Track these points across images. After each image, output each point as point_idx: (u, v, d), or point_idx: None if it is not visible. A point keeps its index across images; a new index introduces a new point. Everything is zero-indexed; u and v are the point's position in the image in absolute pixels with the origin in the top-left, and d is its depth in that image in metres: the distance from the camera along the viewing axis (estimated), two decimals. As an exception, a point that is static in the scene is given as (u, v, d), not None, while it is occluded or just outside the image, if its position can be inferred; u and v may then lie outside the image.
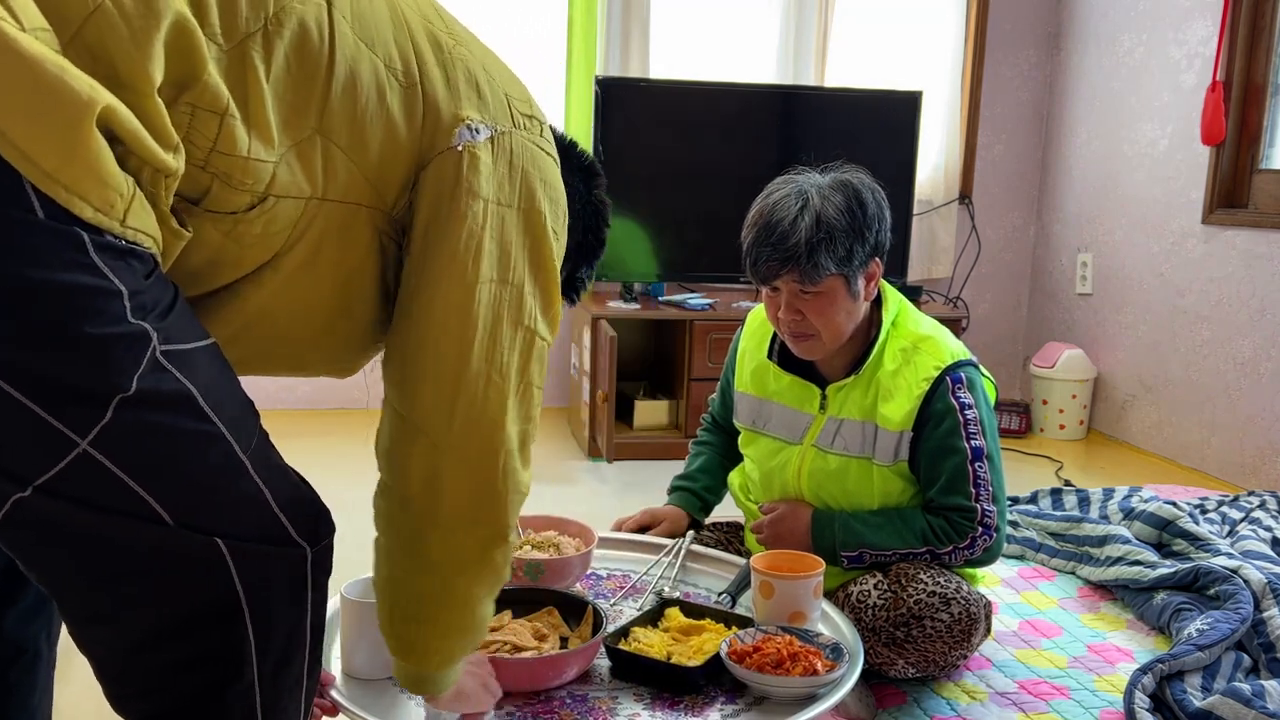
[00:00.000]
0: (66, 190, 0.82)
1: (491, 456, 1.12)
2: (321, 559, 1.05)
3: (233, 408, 0.97)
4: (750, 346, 1.97)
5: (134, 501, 0.90)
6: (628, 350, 3.87)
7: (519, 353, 1.14)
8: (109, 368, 0.86)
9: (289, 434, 3.72)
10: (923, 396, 1.76)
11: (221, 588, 0.95)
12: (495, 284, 1.10)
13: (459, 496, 1.11)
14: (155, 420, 0.89)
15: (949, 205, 4.27)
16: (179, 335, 0.92)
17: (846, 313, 1.76)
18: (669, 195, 3.77)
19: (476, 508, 1.12)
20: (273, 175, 0.98)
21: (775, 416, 1.89)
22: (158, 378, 0.89)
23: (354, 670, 1.44)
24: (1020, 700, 1.83)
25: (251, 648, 0.98)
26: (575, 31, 3.86)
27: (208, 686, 0.98)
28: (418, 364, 1.09)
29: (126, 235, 0.87)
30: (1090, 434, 4.07)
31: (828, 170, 1.80)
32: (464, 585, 1.16)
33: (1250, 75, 3.44)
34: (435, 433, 1.09)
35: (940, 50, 4.16)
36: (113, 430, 0.87)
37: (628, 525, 2.01)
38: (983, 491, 1.76)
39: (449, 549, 1.13)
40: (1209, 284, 3.53)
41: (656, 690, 1.45)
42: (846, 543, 1.79)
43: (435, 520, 1.12)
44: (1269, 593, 2.06)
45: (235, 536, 0.95)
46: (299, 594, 1.02)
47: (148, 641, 0.96)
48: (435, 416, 1.09)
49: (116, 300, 0.86)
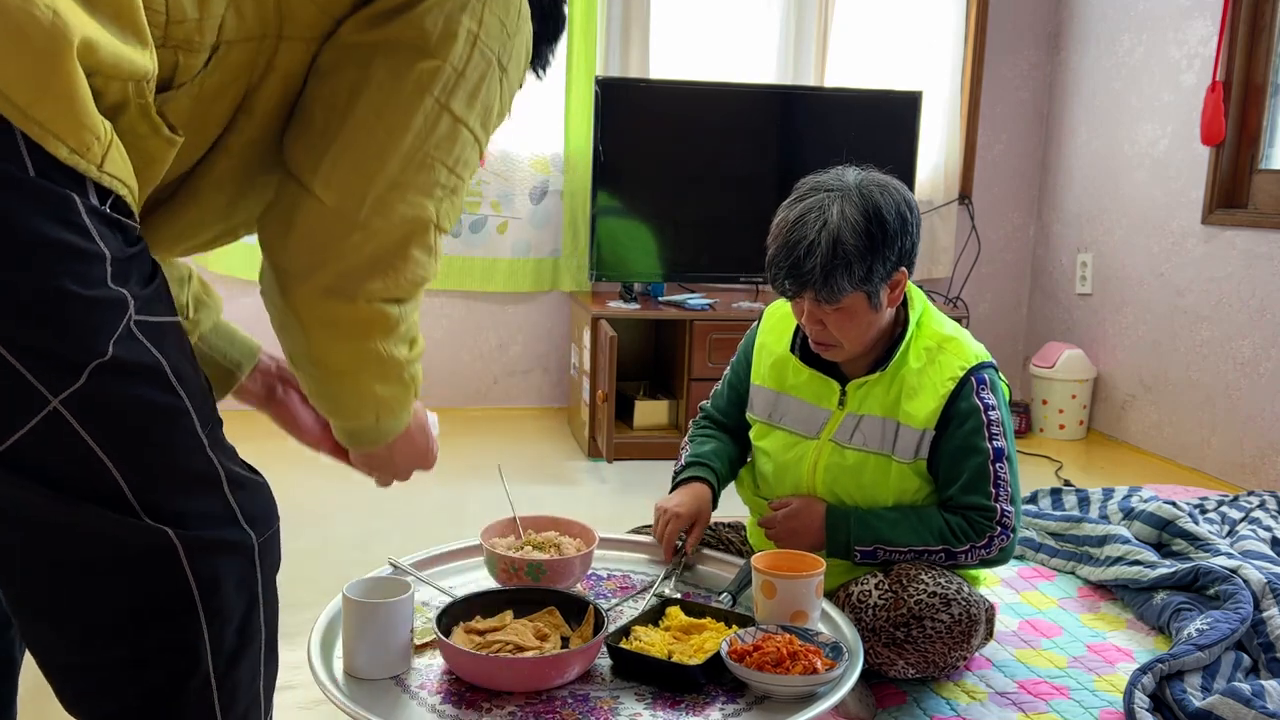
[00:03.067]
0: (40, 128, 0.83)
1: (357, 200, 1.03)
2: (267, 550, 1.04)
3: (195, 385, 0.98)
4: (770, 339, 1.96)
5: (96, 471, 0.89)
6: (628, 350, 3.87)
7: (439, 132, 1.06)
8: (87, 330, 0.87)
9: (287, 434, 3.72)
10: (948, 396, 1.76)
11: (173, 580, 0.95)
12: (433, 65, 1.04)
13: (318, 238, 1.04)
14: (125, 388, 0.90)
15: (949, 205, 4.27)
16: (153, 308, 0.93)
17: (868, 324, 1.76)
18: (669, 195, 3.77)
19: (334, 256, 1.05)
20: (221, 23, 0.97)
21: (792, 411, 1.89)
22: (131, 345, 0.90)
23: (354, 670, 1.44)
24: (1020, 700, 1.84)
25: (205, 642, 0.98)
26: (575, 31, 3.86)
27: (162, 682, 0.97)
28: (326, 131, 1.04)
29: (103, 181, 0.88)
30: (1090, 434, 4.07)
31: (860, 169, 1.77)
32: (329, 341, 1.09)
33: (1250, 75, 3.44)
34: (304, 174, 1.03)
35: (940, 50, 4.17)
36: (85, 393, 0.87)
37: (671, 533, 1.85)
38: (1002, 492, 1.77)
39: (311, 307, 1.06)
40: (1209, 284, 3.53)
41: (657, 689, 1.45)
42: (861, 538, 1.79)
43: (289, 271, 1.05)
44: (1269, 592, 2.06)
45: (187, 520, 0.95)
46: (249, 584, 1.02)
47: (98, 637, 0.95)
48: (309, 158, 1.04)
49: (100, 264, 0.87)
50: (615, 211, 3.73)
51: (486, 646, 1.44)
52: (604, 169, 3.68)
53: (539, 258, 4.05)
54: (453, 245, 3.96)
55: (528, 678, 1.42)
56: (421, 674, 1.46)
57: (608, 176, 3.69)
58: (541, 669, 1.42)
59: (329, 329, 1.06)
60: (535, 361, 4.17)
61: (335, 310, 1.05)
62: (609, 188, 3.70)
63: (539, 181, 3.99)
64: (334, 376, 1.11)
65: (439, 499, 3.04)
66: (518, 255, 4.02)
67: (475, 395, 4.14)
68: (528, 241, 4.02)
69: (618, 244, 3.75)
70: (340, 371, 1.10)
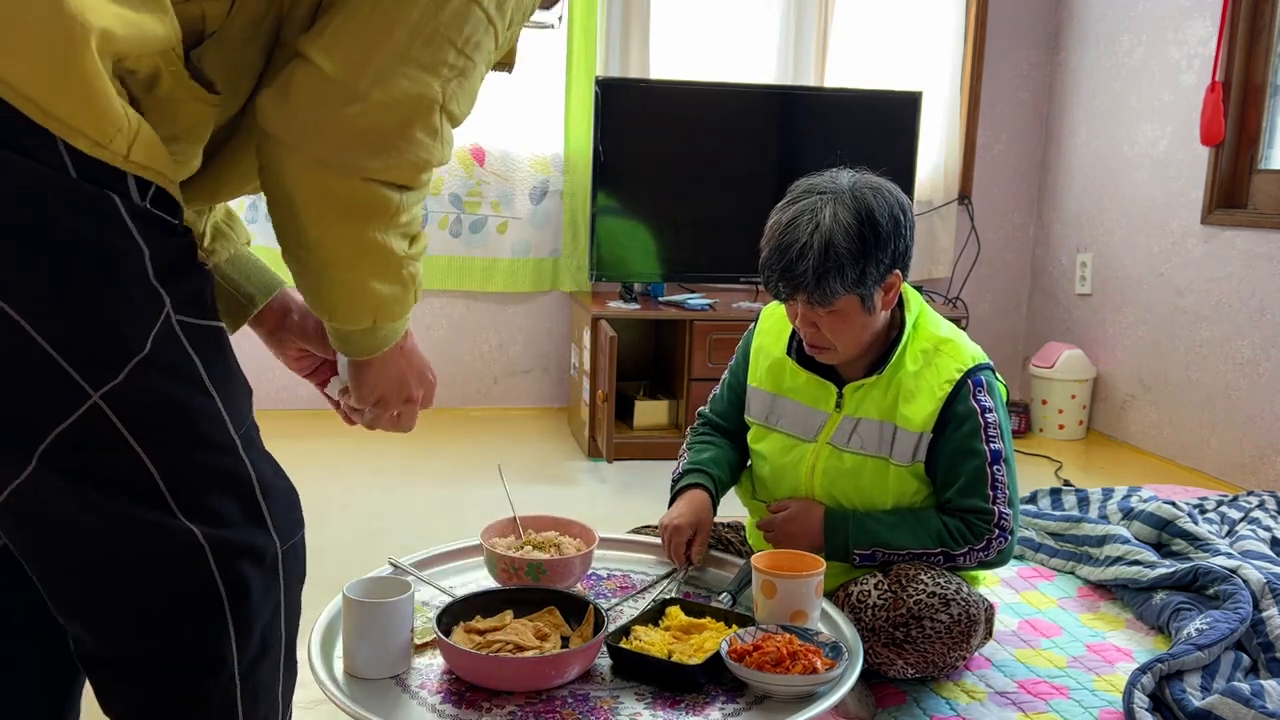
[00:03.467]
0: (60, 123, 0.84)
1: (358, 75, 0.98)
2: (290, 556, 1.05)
3: (231, 387, 0.99)
4: (767, 342, 1.96)
5: (133, 466, 0.91)
6: (628, 350, 3.88)
7: (450, 7, 1.00)
8: (127, 326, 0.89)
9: (289, 434, 3.73)
10: (945, 398, 1.76)
11: (201, 579, 0.96)
12: None
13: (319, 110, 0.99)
14: (163, 386, 0.92)
15: (949, 205, 4.27)
16: (193, 309, 0.94)
17: (862, 326, 1.76)
18: (669, 195, 3.77)
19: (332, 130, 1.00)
20: None
21: (789, 413, 1.89)
22: (170, 343, 0.92)
23: (355, 670, 1.44)
24: (1020, 700, 1.84)
25: (231, 642, 0.99)
26: (575, 31, 3.87)
27: (188, 680, 0.98)
28: (330, 3, 1.00)
29: (130, 169, 0.88)
30: (1090, 434, 4.07)
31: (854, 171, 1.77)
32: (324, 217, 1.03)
33: (1250, 75, 3.45)
34: (304, 44, 0.98)
35: (940, 50, 4.17)
36: (125, 389, 0.89)
37: (676, 547, 1.82)
38: (1000, 494, 1.77)
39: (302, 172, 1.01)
40: (1209, 284, 3.54)
41: (657, 689, 1.46)
42: (860, 540, 1.79)
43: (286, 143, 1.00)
44: (1268, 592, 2.06)
45: (216, 520, 0.96)
46: (273, 589, 1.03)
47: (127, 632, 0.97)
48: (312, 29, 0.99)
49: (139, 261, 0.89)
50: (615, 211, 3.73)
51: (486, 646, 1.44)
52: (604, 169, 3.68)
53: (539, 258, 4.05)
54: (453, 245, 3.97)
55: (528, 677, 1.42)
56: (421, 674, 1.47)
57: (608, 176, 3.69)
58: (541, 669, 1.42)
59: (322, 207, 1.00)
60: (535, 361, 4.17)
61: (329, 185, 0.98)
62: (609, 188, 3.70)
63: (539, 181, 3.99)
64: (329, 267, 1.04)
65: (439, 499, 3.05)
66: (518, 255, 4.03)
67: (475, 395, 4.14)
68: (528, 241, 4.03)
69: (618, 244, 3.75)
70: (335, 261, 1.04)
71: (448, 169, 3.89)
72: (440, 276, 3.98)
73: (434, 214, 3.93)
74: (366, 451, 3.38)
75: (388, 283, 1.06)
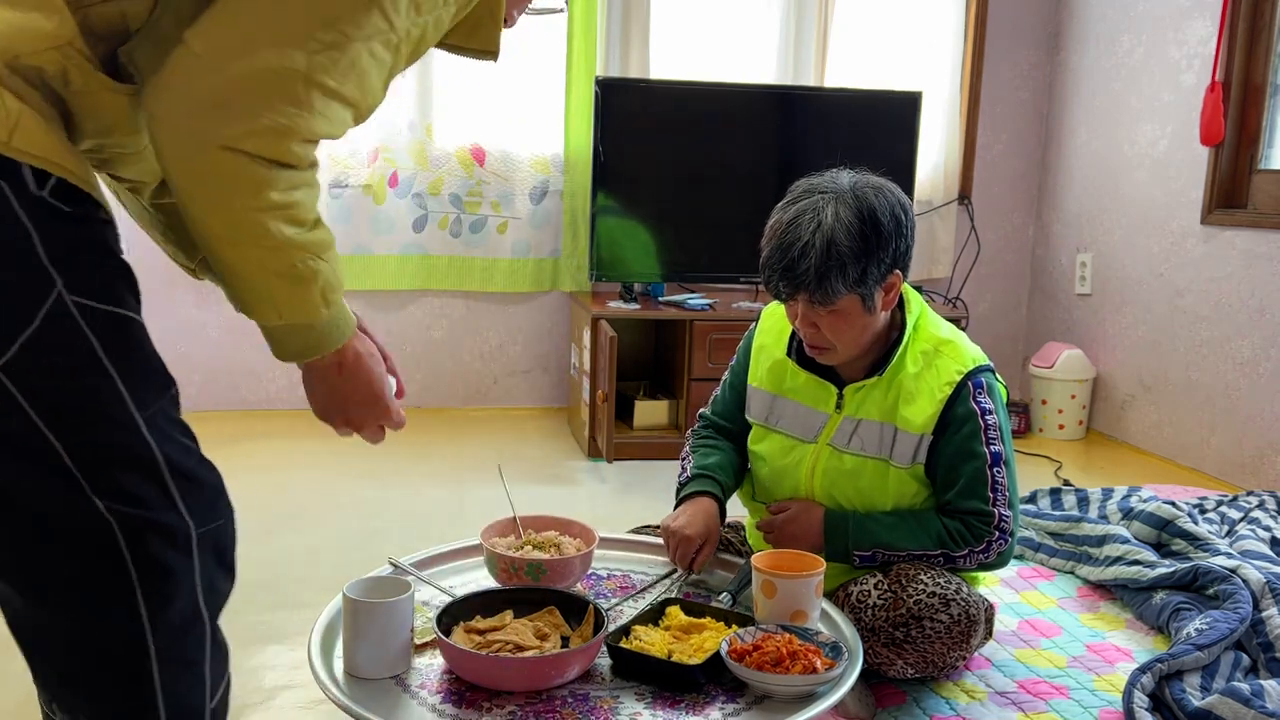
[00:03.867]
0: None
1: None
2: (207, 542, 1.06)
3: (137, 373, 1.01)
4: (767, 342, 1.95)
5: (39, 439, 0.95)
6: (628, 350, 3.88)
7: None
8: (15, 303, 0.94)
9: (289, 434, 3.73)
10: (945, 400, 1.76)
11: (110, 555, 0.99)
12: None
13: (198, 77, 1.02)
14: (53, 362, 0.96)
15: (948, 205, 4.27)
16: (93, 295, 0.98)
17: (863, 327, 1.76)
18: (669, 195, 3.77)
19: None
20: None
21: (789, 414, 1.89)
22: (61, 322, 0.96)
23: (354, 670, 1.44)
24: (1019, 700, 1.84)
25: (143, 618, 1.01)
26: (575, 31, 3.87)
27: (105, 651, 1.02)
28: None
29: (21, 159, 0.93)
30: (1089, 434, 4.07)
31: (854, 171, 1.77)
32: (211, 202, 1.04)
33: (1249, 75, 3.45)
34: (186, 32, 1.01)
35: (940, 50, 4.17)
36: (17, 363, 0.94)
37: (683, 556, 1.81)
38: (1000, 496, 1.77)
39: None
40: (1208, 284, 3.54)
41: (657, 689, 1.46)
42: (861, 542, 1.79)
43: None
44: (1268, 592, 2.06)
45: (123, 499, 0.99)
46: (187, 568, 1.04)
47: (47, 603, 1.01)
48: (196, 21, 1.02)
49: (27, 242, 0.94)
50: (615, 211, 3.73)
51: (486, 646, 1.44)
52: (604, 169, 3.68)
53: (539, 258, 4.05)
54: (453, 245, 3.97)
55: (528, 677, 1.42)
56: (421, 674, 1.47)
57: (608, 176, 3.69)
58: (541, 669, 1.42)
59: (192, 180, 1.01)
60: (535, 361, 4.17)
61: (193, 156, 1.00)
62: (609, 188, 3.70)
63: (539, 181, 3.99)
64: (212, 248, 1.05)
65: (439, 499, 3.05)
66: (518, 255, 4.03)
67: (475, 395, 4.14)
68: (528, 241, 4.03)
69: (617, 244, 3.75)
70: (215, 237, 1.04)
71: (448, 169, 3.89)
72: (440, 276, 3.98)
73: (434, 214, 3.93)
74: (366, 451, 3.37)
75: (281, 274, 1.05)
